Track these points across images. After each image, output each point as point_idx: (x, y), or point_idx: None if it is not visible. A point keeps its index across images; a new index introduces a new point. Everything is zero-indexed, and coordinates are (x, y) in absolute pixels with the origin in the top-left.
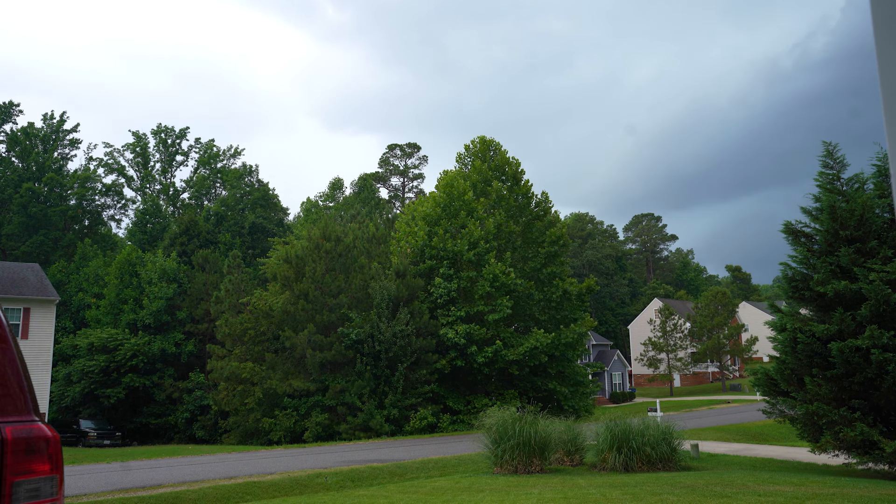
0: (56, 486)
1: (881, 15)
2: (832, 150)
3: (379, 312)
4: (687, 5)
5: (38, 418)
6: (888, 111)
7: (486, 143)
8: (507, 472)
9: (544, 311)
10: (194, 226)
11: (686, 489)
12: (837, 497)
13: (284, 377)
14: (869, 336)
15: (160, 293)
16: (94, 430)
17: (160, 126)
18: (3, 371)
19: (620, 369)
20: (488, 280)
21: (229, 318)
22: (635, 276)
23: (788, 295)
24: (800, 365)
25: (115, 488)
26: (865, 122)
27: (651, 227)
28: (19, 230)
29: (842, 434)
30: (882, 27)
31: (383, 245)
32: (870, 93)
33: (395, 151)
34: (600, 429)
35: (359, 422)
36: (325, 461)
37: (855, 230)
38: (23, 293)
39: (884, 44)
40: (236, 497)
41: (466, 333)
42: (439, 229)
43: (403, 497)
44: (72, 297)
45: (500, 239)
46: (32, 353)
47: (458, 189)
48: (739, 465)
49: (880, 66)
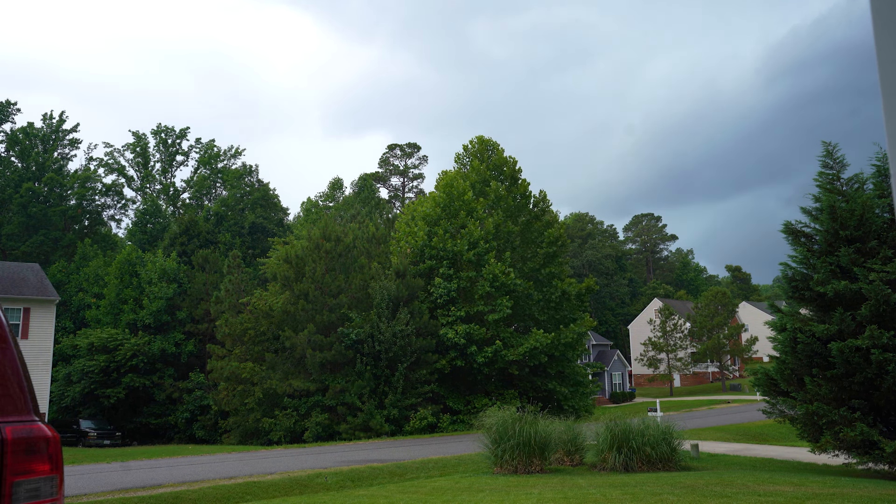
0: (56, 486)
1: (881, 15)
2: (832, 150)
3: (379, 312)
4: (688, 5)
5: (38, 418)
6: (888, 111)
7: (484, 142)
8: (507, 472)
9: (544, 312)
10: (194, 226)
11: (686, 489)
12: (837, 497)
13: (284, 377)
14: (869, 336)
15: (160, 293)
16: (94, 430)
17: (160, 126)
18: (3, 371)
19: (620, 369)
20: (488, 280)
21: (229, 318)
22: (635, 276)
23: (788, 295)
24: (800, 365)
25: (115, 488)
26: (865, 121)
27: (651, 227)
28: (19, 230)
29: (842, 434)
30: (882, 27)
31: (383, 245)
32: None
33: (395, 151)
34: (600, 429)
35: (359, 422)
36: (325, 461)
37: (855, 230)
38: (23, 293)
39: (884, 44)
40: (236, 497)
41: (466, 333)
42: (439, 229)
43: (403, 497)
44: (72, 297)
45: (500, 239)
46: (32, 353)
47: (457, 189)
48: (739, 465)
49: (880, 66)
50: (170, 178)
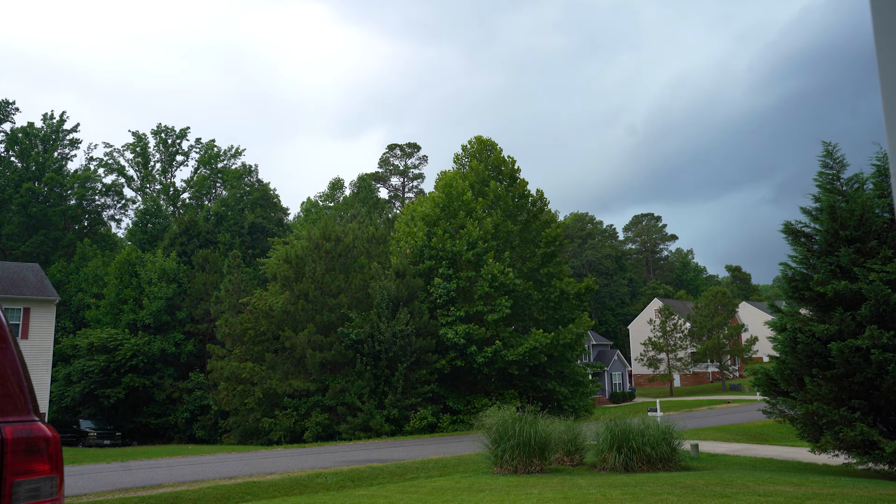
0: (56, 486)
1: (881, 15)
2: (832, 150)
3: (379, 312)
4: (687, 6)
5: (38, 418)
6: (888, 111)
7: (483, 142)
8: (507, 472)
9: (543, 311)
10: (194, 226)
11: (686, 489)
12: (837, 497)
13: (284, 377)
14: (869, 336)
15: (159, 293)
16: (93, 430)
17: (160, 126)
18: (3, 371)
19: (620, 369)
20: (487, 280)
21: (229, 318)
22: (635, 276)
23: (788, 295)
24: (800, 365)
25: (115, 488)
26: (866, 120)
27: (651, 227)
28: (19, 230)
29: (842, 434)
30: (882, 27)
31: (383, 245)
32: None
33: (395, 151)
34: (600, 429)
35: (359, 422)
36: (325, 461)
37: (855, 230)
38: (23, 293)
39: (884, 44)
40: (236, 497)
41: (466, 334)
42: (438, 230)
43: (403, 497)
44: (71, 297)
45: (499, 239)
46: (32, 353)
47: (456, 189)
48: (739, 465)
49: (880, 66)
50: (170, 178)
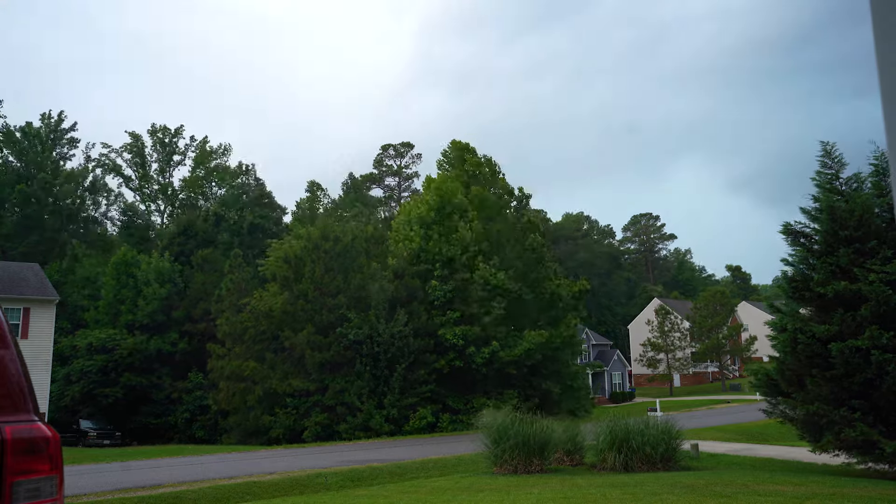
0: (56, 485)
1: (881, 15)
2: (830, 150)
3: (377, 313)
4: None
5: (38, 418)
6: (888, 111)
7: (459, 147)
8: (507, 472)
9: (538, 313)
10: (192, 226)
11: (686, 489)
12: (837, 497)
13: (284, 377)
14: (869, 336)
15: (155, 294)
16: (93, 430)
17: (155, 126)
18: (3, 371)
19: (620, 369)
20: (479, 283)
21: (230, 317)
22: (634, 276)
23: (788, 295)
24: (800, 365)
25: (115, 488)
26: (866, 120)
27: (649, 227)
28: (16, 230)
29: (842, 434)
30: (882, 27)
31: (381, 245)
32: None
33: (388, 151)
34: (600, 429)
35: (358, 422)
36: (325, 461)
37: (854, 230)
38: (23, 293)
39: (884, 44)
40: (236, 497)
41: (463, 335)
42: (433, 233)
43: (403, 497)
44: (68, 298)
45: (489, 241)
46: (32, 353)
47: (448, 191)
48: (739, 465)
49: (880, 66)
50: (167, 178)
